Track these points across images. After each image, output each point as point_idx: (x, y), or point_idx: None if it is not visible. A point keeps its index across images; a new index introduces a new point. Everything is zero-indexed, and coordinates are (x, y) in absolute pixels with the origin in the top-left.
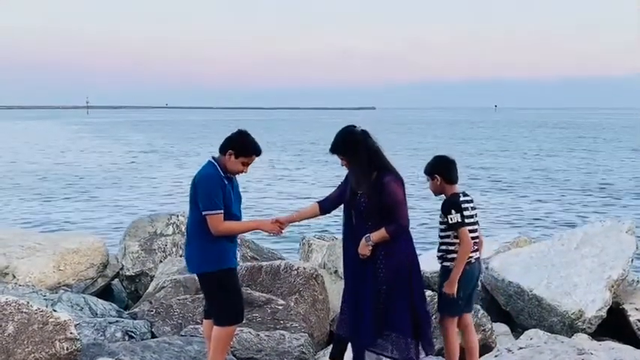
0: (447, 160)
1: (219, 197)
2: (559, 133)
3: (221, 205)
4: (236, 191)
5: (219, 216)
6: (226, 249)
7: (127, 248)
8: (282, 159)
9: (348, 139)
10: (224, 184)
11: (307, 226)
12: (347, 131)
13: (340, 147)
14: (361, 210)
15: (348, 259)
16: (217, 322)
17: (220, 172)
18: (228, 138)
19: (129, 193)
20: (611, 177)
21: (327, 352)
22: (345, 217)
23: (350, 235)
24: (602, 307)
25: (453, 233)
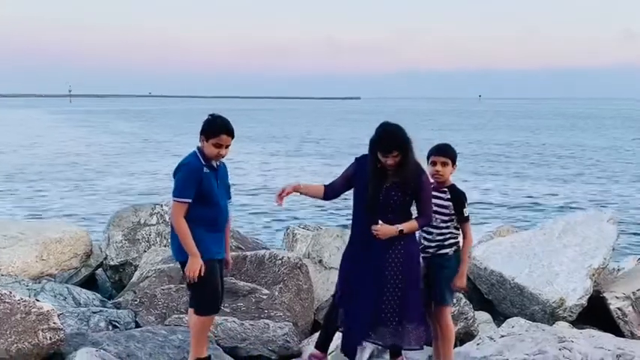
0: (453, 148)
1: (189, 187)
2: (543, 122)
3: (189, 196)
4: (221, 181)
5: (181, 205)
6: (205, 239)
7: (110, 238)
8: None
9: (403, 136)
10: (202, 173)
11: (293, 217)
12: (398, 127)
13: (401, 144)
14: (390, 203)
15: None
16: (195, 310)
17: (201, 161)
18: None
19: (113, 183)
20: (597, 165)
21: (311, 341)
22: (361, 210)
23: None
24: (583, 296)
25: (453, 224)
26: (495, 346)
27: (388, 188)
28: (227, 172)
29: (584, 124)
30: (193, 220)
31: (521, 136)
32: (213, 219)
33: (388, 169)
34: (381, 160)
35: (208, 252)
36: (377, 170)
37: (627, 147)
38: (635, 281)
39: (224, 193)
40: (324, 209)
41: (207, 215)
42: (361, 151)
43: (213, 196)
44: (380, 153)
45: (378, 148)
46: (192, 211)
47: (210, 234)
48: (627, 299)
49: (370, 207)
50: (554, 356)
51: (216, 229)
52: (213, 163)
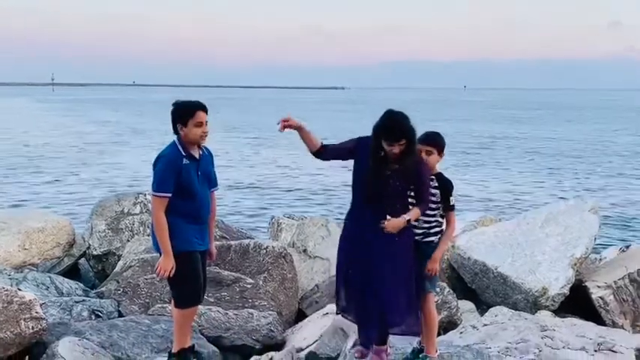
0: (442, 137)
1: (168, 181)
2: (528, 113)
3: (168, 190)
4: (204, 170)
5: (161, 200)
6: (185, 231)
7: (93, 227)
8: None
9: (410, 124)
10: (180, 165)
11: (278, 206)
12: (404, 116)
13: (407, 132)
14: (392, 191)
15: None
16: (175, 303)
17: (181, 151)
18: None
19: (96, 172)
20: (580, 155)
21: (295, 331)
22: (365, 199)
23: (372, 216)
24: (565, 285)
25: (439, 212)
26: (478, 335)
27: (389, 176)
28: (212, 159)
29: (569, 114)
30: (174, 212)
31: (505, 127)
32: (194, 211)
33: (391, 157)
34: (386, 148)
35: (189, 244)
36: (379, 158)
37: (609, 138)
38: (616, 270)
39: (206, 184)
40: (309, 199)
41: (188, 207)
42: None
43: (193, 188)
44: (386, 141)
45: (384, 136)
46: (173, 203)
47: (191, 225)
48: (609, 288)
49: (372, 195)
50: (536, 344)
51: (198, 221)
52: (194, 153)
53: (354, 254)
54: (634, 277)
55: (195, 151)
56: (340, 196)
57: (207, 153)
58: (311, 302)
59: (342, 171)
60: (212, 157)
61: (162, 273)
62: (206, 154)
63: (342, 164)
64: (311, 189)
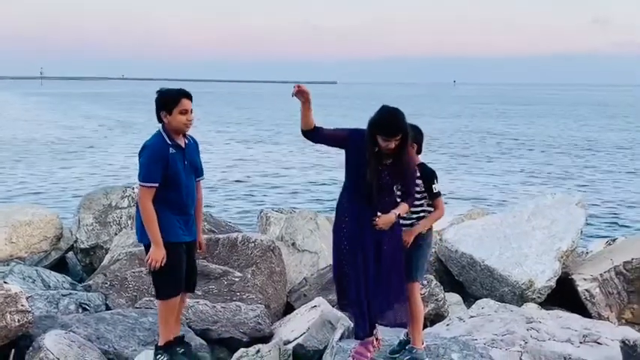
0: (421, 131)
1: (155, 170)
2: (516, 108)
3: (156, 179)
4: (190, 159)
5: (149, 190)
6: (171, 222)
7: (81, 221)
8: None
9: (404, 120)
10: (167, 154)
11: (266, 199)
12: (400, 112)
13: (403, 128)
14: (383, 185)
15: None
16: (156, 295)
17: (167, 140)
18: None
19: (85, 166)
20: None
21: (282, 324)
22: (358, 192)
23: (365, 211)
24: (551, 278)
25: (426, 202)
26: (465, 327)
27: (381, 170)
28: (197, 148)
29: (556, 110)
30: (159, 202)
31: (494, 122)
32: (180, 201)
33: (385, 152)
34: (381, 143)
35: (174, 235)
36: (374, 153)
37: (596, 133)
38: (602, 263)
39: (192, 173)
40: (298, 194)
41: (174, 198)
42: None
43: (179, 177)
44: (382, 136)
45: (380, 132)
46: (158, 193)
47: (177, 216)
48: (595, 281)
49: (364, 189)
50: (522, 336)
51: (184, 212)
52: (179, 142)
53: (347, 246)
54: (620, 270)
55: (181, 140)
56: (330, 191)
57: (193, 142)
58: (299, 295)
59: (331, 166)
60: (198, 146)
61: (153, 264)
62: (191, 142)
63: (331, 160)
64: (300, 184)
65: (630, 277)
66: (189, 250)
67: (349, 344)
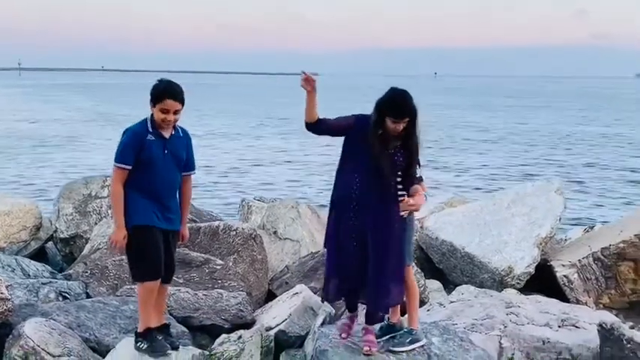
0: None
1: (129, 153)
2: (497, 100)
3: (128, 162)
4: (172, 151)
5: (120, 171)
6: (142, 205)
7: (60, 210)
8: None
9: (413, 102)
10: (144, 139)
11: (248, 189)
12: (408, 94)
13: (413, 110)
14: (396, 167)
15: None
16: (132, 277)
17: (148, 128)
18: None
19: (64, 156)
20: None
21: (264, 310)
22: (367, 173)
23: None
24: (530, 264)
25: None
26: (445, 312)
27: (392, 154)
28: (187, 142)
29: (538, 101)
30: (132, 186)
31: (476, 114)
32: (153, 189)
33: (392, 134)
34: (389, 125)
35: (145, 218)
36: (378, 135)
37: (575, 123)
38: (580, 249)
39: (173, 165)
40: (281, 184)
41: (147, 184)
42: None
43: (154, 165)
44: (391, 118)
45: (390, 113)
46: (132, 176)
47: (149, 201)
48: (573, 267)
49: (374, 171)
50: (501, 321)
51: (159, 200)
52: (163, 132)
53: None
54: (597, 256)
55: (167, 131)
56: (312, 182)
57: (183, 135)
58: (281, 283)
59: (312, 158)
60: (188, 140)
61: (113, 245)
62: (180, 135)
63: (317, 151)
64: (282, 174)
65: (608, 263)
66: (167, 240)
67: (331, 330)
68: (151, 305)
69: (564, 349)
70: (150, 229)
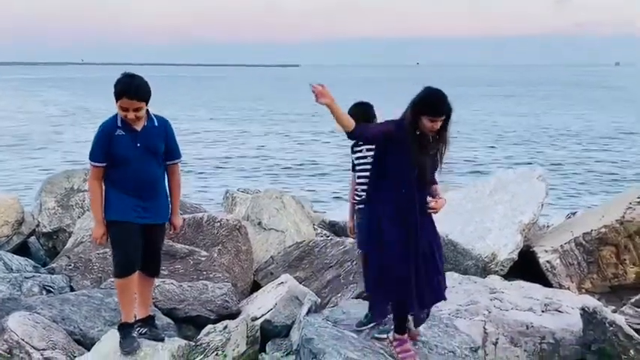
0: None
1: (99, 151)
2: (480, 89)
3: (100, 159)
4: (145, 143)
5: (94, 169)
6: (117, 201)
7: (42, 204)
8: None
9: (448, 100)
10: (112, 135)
11: (232, 180)
12: (443, 92)
13: (449, 109)
14: (432, 169)
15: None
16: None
17: (117, 123)
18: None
19: (44, 150)
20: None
21: (250, 301)
22: (410, 177)
23: (417, 196)
24: (513, 250)
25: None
26: None
27: (432, 155)
28: (165, 131)
29: (521, 90)
30: (108, 181)
31: (459, 104)
32: (128, 183)
33: (427, 133)
34: (426, 124)
35: (120, 213)
36: (416, 136)
37: (558, 111)
38: (562, 235)
39: (149, 156)
40: (265, 175)
41: (121, 179)
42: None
43: (127, 160)
44: (428, 116)
45: (427, 111)
46: (109, 172)
47: (126, 196)
48: (555, 252)
49: (423, 177)
50: (485, 306)
51: (136, 194)
52: (135, 125)
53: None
54: (580, 242)
55: (138, 124)
56: (298, 174)
57: (159, 124)
58: (266, 274)
59: (297, 149)
60: (167, 128)
61: (94, 241)
62: (155, 125)
63: (299, 141)
64: (266, 166)
65: (590, 248)
66: (150, 234)
67: (316, 318)
68: (129, 299)
69: (548, 334)
70: (122, 225)
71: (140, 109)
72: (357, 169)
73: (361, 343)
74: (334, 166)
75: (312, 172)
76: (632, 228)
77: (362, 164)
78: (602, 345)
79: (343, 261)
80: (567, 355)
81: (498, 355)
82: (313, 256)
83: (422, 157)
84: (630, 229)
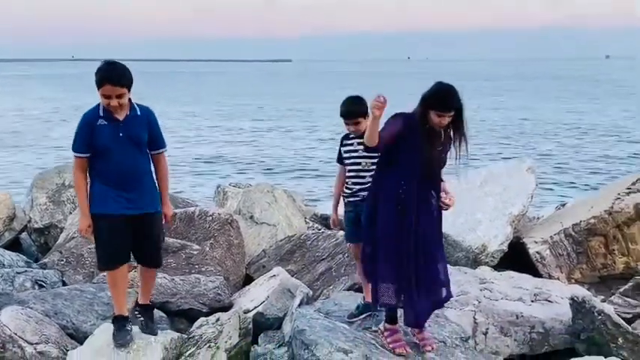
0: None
1: (81, 141)
2: (473, 83)
3: (82, 150)
4: (127, 132)
5: (77, 160)
6: (99, 193)
7: (34, 200)
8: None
9: (459, 96)
10: (94, 125)
11: (223, 176)
12: (454, 88)
13: (459, 104)
14: (441, 165)
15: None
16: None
17: (99, 112)
18: None
19: (35, 147)
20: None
21: (242, 294)
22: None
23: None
24: (504, 242)
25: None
26: None
27: (440, 151)
28: (148, 121)
29: (513, 85)
30: (92, 173)
31: None
32: (110, 174)
33: (437, 128)
34: (434, 119)
35: (102, 206)
36: (427, 131)
37: (549, 104)
38: (552, 226)
39: (131, 146)
40: (257, 171)
41: (103, 169)
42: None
43: (108, 150)
44: (437, 111)
45: (435, 106)
46: (92, 164)
47: (108, 188)
48: (545, 243)
49: (430, 172)
50: (475, 296)
51: (119, 185)
52: (117, 115)
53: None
54: (569, 232)
55: (120, 113)
56: (290, 169)
57: (142, 114)
58: (258, 267)
59: (288, 142)
60: (150, 118)
61: (80, 233)
62: (138, 115)
63: (290, 136)
64: (257, 161)
65: (579, 239)
66: (140, 225)
67: (308, 310)
68: (119, 292)
69: (537, 323)
70: (104, 218)
71: (122, 95)
72: (347, 162)
73: (353, 334)
74: (325, 161)
75: (303, 167)
76: (620, 218)
77: (352, 157)
78: (590, 334)
79: (335, 254)
80: (557, 344)
81: (488, 345)
82: (305, 249)
83: (430, 152)
84: (619, 219)
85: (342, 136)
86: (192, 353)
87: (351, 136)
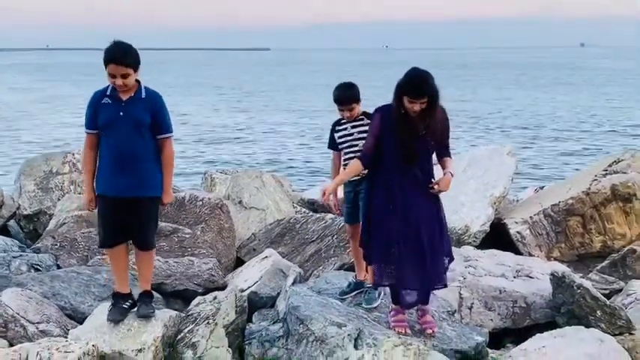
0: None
1: (89, 118)
2: (451, 72)
3: (89, 126)
4: (129, 113)
5: (86, 136)
6: (101, 173)
7: (22, 187)
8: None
9: (433, 83)
10: (99, 103)
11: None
12: (428, 74)
13: (431, 90)
14: (428, 149)
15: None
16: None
17: (106, 91)
18: None
19: (18, 136)
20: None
21: (235, 275)
22: (398, 161)
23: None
24: (485, 222)
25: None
26: None
27: (424, 135)
28: (152, 105)
29: (491, 74)
30: (99, 152)
31: None
32: (110, 152)
33: (414, 116)
34: (406, 105)
35: (99, 186)
36: (402, 117)
37: (532, 95)
38: (532, 207)
39: (132, 127)
40: (240, 155)
41: (105, 147)
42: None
43: (109, 128)
44: (408, 98)
45: (407, 93)
46: (100, 143)
47: (107, 168)
48: (525, 223)
49: (408, 157)
50: (460, 273)
51: (118, 164)
52: (122, 95)
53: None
54: (548, 213)
55: (125, 94)
56: (275, 157)
57: (147, 97)
58: (249, 250)
59: (274, 127)
60: (155, 102)
61: (84, 208)
62: (142, 97)
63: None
64: (244, 146)
65: (557, 219)
66: (136, 207)
67: (302, 288)
68: (116, 269)
69: (519, 298)
70: (101, 197)
71: (127, 75)
72: (342, 146)
73: (345, 309)
74: (312, 147)
75: (291, 155)
76: (597, 199)
77: (348, 141)
78: (570, 307)
79: (324, 236)
80: (538, 318)
81: (473, 319)
82: (294, 232)
83: (406, 137)
84: (596, 199)
85: (333, 122)
86: (191, 330)
87: (342, 121)
